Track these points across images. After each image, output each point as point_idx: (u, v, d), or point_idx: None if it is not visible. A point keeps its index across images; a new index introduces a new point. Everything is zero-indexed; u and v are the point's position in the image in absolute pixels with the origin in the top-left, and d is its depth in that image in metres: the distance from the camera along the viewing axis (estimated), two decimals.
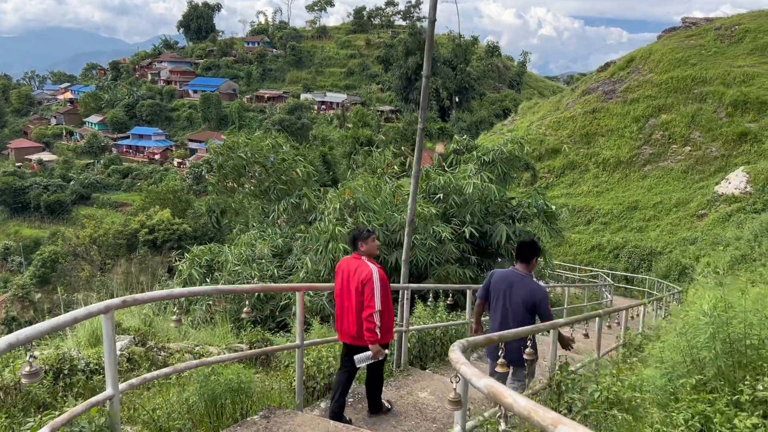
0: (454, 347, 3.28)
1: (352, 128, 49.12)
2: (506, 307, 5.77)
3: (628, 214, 33.56)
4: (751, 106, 35.41)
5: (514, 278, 5.81)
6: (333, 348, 7.07)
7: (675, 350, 4.16)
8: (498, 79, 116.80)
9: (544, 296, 5.74)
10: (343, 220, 14.40)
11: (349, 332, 5.62)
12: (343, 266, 5.77)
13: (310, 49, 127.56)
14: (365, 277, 5.44)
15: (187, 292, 4.46)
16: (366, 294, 5.40)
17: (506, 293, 5.78)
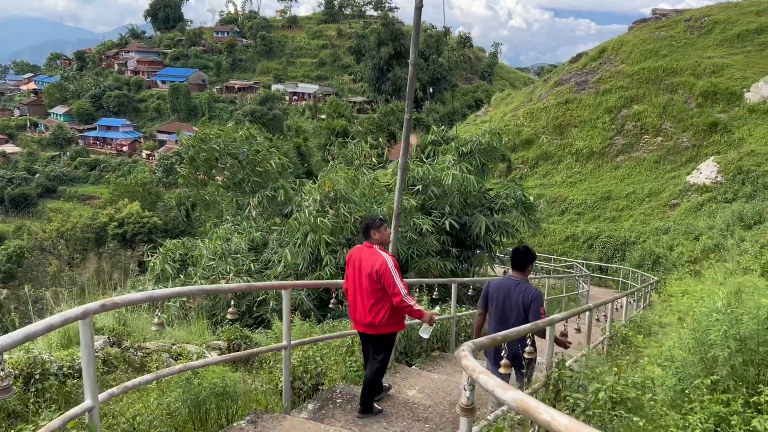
0: (465, 351, 3.07)
1: (326, 119, 48.63)
2: (505, 313, 5.90)
3: (602, 205, 33.80)
4: (721, 96, 35.85)
5: (510, 284, 5.96)
6: (319, 347, 6.84)
7: (685, 348, 4.00)
8: (470, 70, 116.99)
9: (538, 297, 5.87)
10: (324, 211, 14.12)
11: (362, 321, 5.63)
12: (354, 255, 5.77)
13: (281, 39, 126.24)
14: (380, 266, 5.42)
15: (169, 293, 4.18)
16: (386, 283, 5.41)
17: (504, 299, 5.91)
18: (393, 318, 5.62)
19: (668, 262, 25.42)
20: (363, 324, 5.66)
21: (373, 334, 5.67)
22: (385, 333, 5.68)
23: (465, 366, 2.76)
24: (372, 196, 16.35)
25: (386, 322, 5.59)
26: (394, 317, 5.62)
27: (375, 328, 5.60)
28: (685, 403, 3.67)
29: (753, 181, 27.44)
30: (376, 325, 5.58)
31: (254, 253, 16.09)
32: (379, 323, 5.56)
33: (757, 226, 23.33)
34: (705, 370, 3.84)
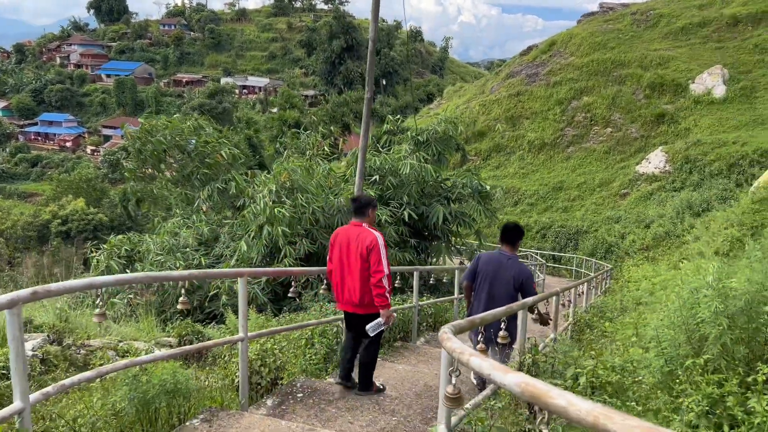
0: (447, 333, 2.75)
1: (278, 110, 47.74)
2: (494, 287, 5.95)
3: (554, 195, 34.12)
4: (668, 88, 36.60)
5: (502, 259, 6.04)
6: (277, 340, 6.46)
7: (673, 327, 3.78)
8: (421, 64, 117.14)
9: (530, 276, 6.01)
10: (281, 202, 13.69)
11: (352, 300, 5.57)
12: (340, 234, 5.67)
13: (230, 32, 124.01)
14: (370, 243, 5.39)
15: (113, 280, 3.74)
16: (372, 260, 5.36)
17: (494, 273, 5.96)
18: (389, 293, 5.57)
19: (620, 250, 25.77)
20: (353, 304, 5.59)
21: (364, 313, 5.60)
22: (376, 312, 5.57)
23: (450, 349, 2.45)
24: (328, 187, 15.99)
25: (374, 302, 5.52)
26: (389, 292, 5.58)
27: (366, 307, 5.55)
28: (676, 384, 3.44)
29: (700, 170, 28.06)
30: (366, 303, 5.53)
31: (205, 247, 15.59)
32: (369, 302, 5.51)
33: (705, 213, 23.79)
34: (693, 350, 3.62)
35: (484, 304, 5.94)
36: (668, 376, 3.60)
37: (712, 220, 21.08)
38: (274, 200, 13.63)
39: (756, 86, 33.82)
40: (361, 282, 5.47)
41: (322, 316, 8.87)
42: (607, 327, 7.59)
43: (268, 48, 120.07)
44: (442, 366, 2.98)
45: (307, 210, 13.41)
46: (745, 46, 37.35)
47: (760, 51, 36.36)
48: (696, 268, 11.91)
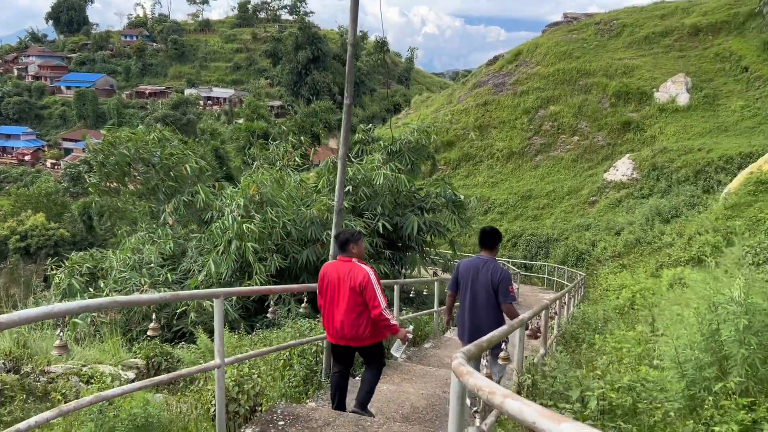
0: (462, 366, 2.42)
1: (244, 121, 47.04)
2: (474, 291, 5.99)
3: (523, 203, 34.19)
4: (633, 96, 37.08)
5: (479, 263, 6.07)
6: (257, 365, 6.05)
7: (693, 347, 3.50)
8: (387, 75, 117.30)
9: (507, 277, 5.93)
10: (249, 216, 13.25)
11: (344, 335, 5.53)
12: (329, 270, 5.65)
13: (193, 42, 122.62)
14: (363, 280, 5.38)
15: (76, 307, 3.32)
16: (368, 296, 5.36)
17: (474, 278, 6.00)
18: (376, 328, 5.54)
19: (591, 257, 25.82)
20: (345, 338, 5.55)
21: (359, 346, 5.64)
22: (371, 344, 5.63)
23: (476, 387, 2.11)
24: (300, 198, 15.63)
25: (370, 334, 5.52)
26: (376, 327, 5.54)
27: (360, 340, 5.54)
28: (702, 410, 3.15)
29: (667, 176, 28.35)
30: (360, 337, 5.51)
31: (171, 262, 15.06)
32: (362, 335, 5.50)
33: (675, 219, 23.99)
34: (718, 371, 3.35)
35: (467, 310, 6.07)
36: (692, 401, 3.31)
37: (683, 226, 21.23)
38: (243, 215, 13.20)
39: (718, 94, 34.46)
40: (352, 318, 5.45)
41: (298, 333, 8.48)
42: (598, 340, 7.35)
43: (233, 59, 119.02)
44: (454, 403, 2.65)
45: (278, 224, 12.97)
46: (706, 54, 38.09)
47: (721, 60, 37.11)
48: (704, 279, 11.85)
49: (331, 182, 16.33)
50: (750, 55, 35.69)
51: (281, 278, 14.68)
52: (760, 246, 12.04)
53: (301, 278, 14.68)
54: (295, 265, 14.23)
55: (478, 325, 5.94)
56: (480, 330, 5.62)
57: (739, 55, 36.22)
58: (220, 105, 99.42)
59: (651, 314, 8.52)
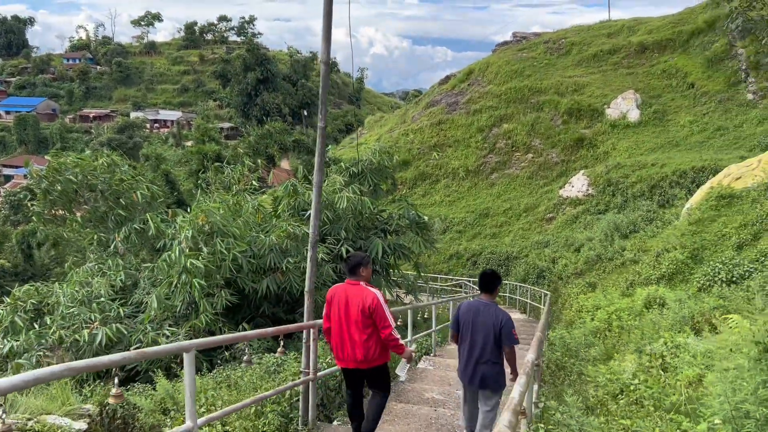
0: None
1: (194, 144, 45.74)
2: (475, 333, 6.07)
3: (481, 221, 34.08)
4: (584, 113, 37.56)
5: (480, 307, 6.13)
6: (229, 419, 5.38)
7: (753, 401, 3.05)
8: (338, 95, 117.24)
9: (509, 321, 5.97)
10: (198, 249, 12.47)
11: (355, 358, 5.65)
12: (338, 293, 5.73)
13: (139, 65, 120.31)
14: (372, 302, 5.51)
15: (20, 382, 2.67)
16: (377, 318, 5.52)
17: (474, 321, 6.08)
18: (384, 349, 5.72)
19: (552, 274, 25.73)
20: (356, 360, 5.66)
21: (368, 368, 5.71)
22: (379, 365, 5.76)
23: None
24: (257, 224, 14.95)
25: (379, 355, 5.67)
26: (384, 348, 5.72)
27: (369, 362, 5.65)
28: None
29: (622, 192, 28.60)
30: (370, 359, 5.63)
31: (122, 294, 14.18)
32: (372, 357, 5.62)
33: (633, 234, 24.09)
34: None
35: (467, 352, 6.14)
36: None
37: (643, 241, 21.28)
38: (191, 247, 12.44)
39: (667, 110, 35.18)
40: (363, 339, 5.57)
41: (267, 375, 7.82)
42: (591, 371, 6.93)
43: (180, 81, 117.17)
44: None
45: (227, 257, 12.22)
46: (653, 71, 38.96)
47: (668, 76, 37.98)
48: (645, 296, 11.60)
49: (291, 206, 15.70)
50: (695, 72, 36.63)
51: (239, 309, 13.92)
52: (731, 263, 11.96)
53: (261, 309, 13.96)
54: (254, 295, 13.52)
55: (477, 365, 6.03)
56: (477, 370, 5.98)
57: (685, 72, 37.15)
58: (168, 128, 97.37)
59: (640, 341, 8.19)
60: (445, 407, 8.24)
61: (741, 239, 13.53)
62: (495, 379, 5.98)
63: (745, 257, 12.14)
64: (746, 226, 14.09)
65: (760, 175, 15.98)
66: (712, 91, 34.54)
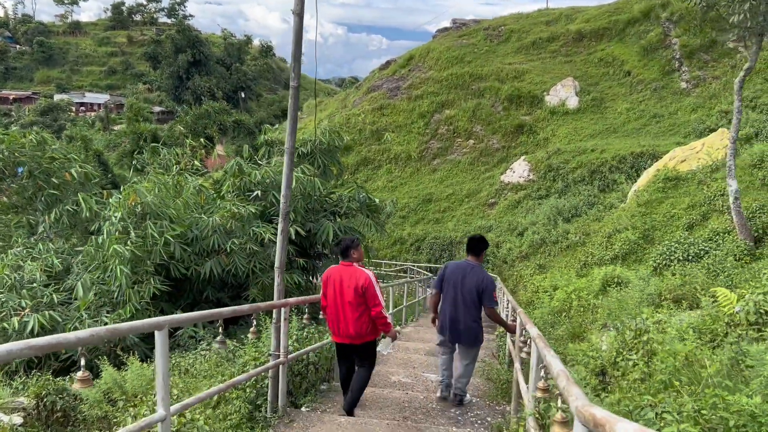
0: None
1: (128, 124, 43.51)
2: (459, 292, 6.48)
3: (424, 207, 33.95)
4: (524, 100, 37.91)
5: (467, 268, 6.56)
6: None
7: None
8: (273, 80, 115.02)
9: (492, 283, 6.46)
10: (126, 233, 11.69)
11: (348, 333, 6.03)
12: (333, 275, 6.08)
13: (63, 45, 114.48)
14: (365, 282, 5.86)
15: None
16: (369, 296, 5.88)
17: (460, 281, 6.48)
18: (374, 327, 6.09)
19: (497, 258, 25.82)
20: (349, 336, 6.04)
21: (360, 343, 6.10)
22: (370, 340, 6.19)
23: None
24: (200, 205, 14.20)
25: (370, 332, 6.06)
26: (375, 326, 6.09)
27: (362, 337, 6.05)
28: None
29: (563, 177, 28.96)
30: (362, 335, 6.02)
31: (56, 280, 13.25)
32: (365, 333, 6.02)
33: (575, 218, 24.40)
34: None
35: (450, 309, 6.57)
36: None
37: (587, 225, 21.53)
38: (120, 230, 11.66)
39: (604, 97, 35.88)
40: (355, 317, 5.93)
41: (224, 359, 7.26)
42: (572, 349, 6.68)
43: (107, 63, 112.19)
44: None
45: (159, 241, 11.48)
46: (591, 59, 39.66)
47: (605, 64, 38.75)
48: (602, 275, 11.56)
49: (237, 186, 14.98)
50: (631, 60, 37.49)
51: (182, 295, 13.20)
52: (686, 242, 12.06)
53: (205, 294, 13.31)
54: (197, 278, 12.83)
55: (458, 321, 6.51)
56: (459, 325, 6.51)
57: (621, 60, 37.97)
58: (95, 111, 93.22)
59: (607, 319, 8.03)
60: (414, 390, 7.88)
61: (691, 220, 13.72)
62: (475, 334, 6.54)
63: (699, 237, 12.27)
64: (694, 207, 14.31)
65: (705, 158, 16.30)
66: (647, 79, 35.43)
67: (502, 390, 7.60)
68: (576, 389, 2.22)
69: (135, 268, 11.37)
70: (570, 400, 2.17)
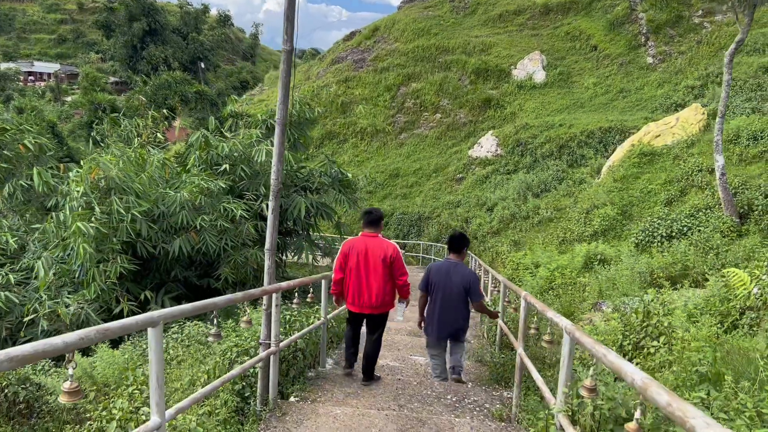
0: None
1: (83, 94, 41.57)
2: (446, 292, 6.63)
3: (392, 182, 33.52)
4: (491, 73, 37.56)
5: (449, 266, 6.73)
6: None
7: None
8: (232, 51, 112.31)
9: (476, 279, 6.68)
10: (91, 209, 11.01)
11: (371, 303, 6.18)
12: (356, 245, 6.18)
13: (8, 11, 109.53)
14: (394, 251, 6.11)
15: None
16: (396, 266, 6.13)
17: (445, 280, 6.63)
18: (393, 296, 6.38)
19: (467, 234, 25.64)
20: (371, 306, 6.21)
21: (378, 313, 6.32)
22: (387, 311, 6.39)
23: None
24: (165, 180, 13.55)
25: (390, 301, 6.31)
26: (394, 295, 6.38)
27: (382, 307, 6.25)
28: None
29: (531, 152, 28.83)
30: (385, 304, 6.23)
31: (11, 260, 12.55)
32: (384, 302, 6.23)
33: (545, 194, 24.30)
34: None
35: (438, 310, 6.70)
36: None
37: (557, 200, 21.40)
38: (83, 206, 10.98)
39: (571, 72, 35.79)
40: (383, 286, 6.12)
41: (204, 346, 6.78)
42: None
43: (57, 30, 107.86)
44: None
45: (126, 217, 10.84)
46: (557, 33, 39.47)
47: (571, 38, 38.61)
48: (584, 252, 11.33)
49: (203, 159, 14.30)
50: (597, 34, 37.42)
51: (148, 274, 12.59)
52: (669, 218, 11.92)
53: (174, 273, 12.72)
54: (165, 257, 12.23)
55: (449, 322, 6.67)
56: (449, 324, 6.66)
57: (588, 34, 37.86)
58: (45, 81, 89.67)
59: (599, 297, 7.78)
60: (404, 374, 7.54)
61: (669, 195, 13.60)
62: (463, 329, 6.76)
63: (680, 213, 12.14)
64: (671, 182, 14.20)
65: (680, 132, 16.21)
66: (613, 54, 35.43)
67: (497, 374, 7.29)
68: (692, 409, 1.83)
69: (100, 246, 10.73)
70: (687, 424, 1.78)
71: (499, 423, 5.65)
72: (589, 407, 3.58)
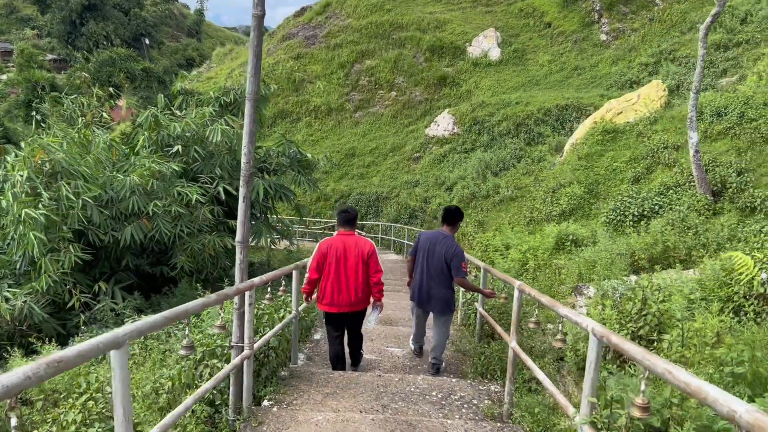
0: None
1: (19, 72, 39.24)
2: (430, 261, 6.64)
3: (348, 162, 32.88)
4: (447, 51, 37.08)
5: (438, 237, 6.71)
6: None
7: None
8: (176, 27, 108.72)
9: (460, 254, 6.54)
10: (37, 195, 10.17)
11: (349, 301, 6.19)
12: (334, 245, 6.18)
13: None
14: (370, 248, 6.20)
15: None
16: (372, 263, 6.17)
17: (430, 250, 6.65)
18: (369, 293, 6.32)
19: (426, 214, 25.33)
20: (350, 304, 6.21)
21: (356, 311, 6.33)
22: (365, 308, 6.41)
23: None
24: (112, 162, 12.70)
25: (367, 298, 6.30)
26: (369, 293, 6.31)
27: (360, 304, 6.27)
28: None
29: (488, 130, 28.58)
30: (362, 301, 6.26)
31: None
32: (362, 300, 6.25)
33: (504, 172, 24.11)
34: None
35: (419, 277, 6.76)
36: None
37: (517, 179, 21.19)
38: (27, 192, 10.13)
39: (525, 49, 35.62)
40: (361, 283, 6.16)
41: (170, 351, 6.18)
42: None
43: None
44: None
45: (76, 204, 10.04)
46: (511, 10, 39.20)
47: (525, 15, 38.40)
48: (555, 232, 11.06)
49: (153, 141, 13.43)
50: (552, 11, 37.28)
51: (96, 264, 11.78)
52: (640, 197, 11.73)
53: (125, 261, 11.93)
54: (115, 246, 11.44)
55: (429, 290, 6.65)
56: (428, 293, 6.66)
57: (542, 11, 37.70)
58: None
59: (578, 281, 7.45)
60: (382, 368, 7.10)
61: (636, 173, 13.44)
62: (446, 302, 6.61)
63: (650, 191, 11.97)
64: (637, 160, 14.05)
65: (641, 109, 16.09)
66: (567, 31, 35.38)
67: (481, 366, 6.91)
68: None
69: (48, 235, 9.90)
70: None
71: (494, 424, 5.25)
72: (622, 419, 3.17)
